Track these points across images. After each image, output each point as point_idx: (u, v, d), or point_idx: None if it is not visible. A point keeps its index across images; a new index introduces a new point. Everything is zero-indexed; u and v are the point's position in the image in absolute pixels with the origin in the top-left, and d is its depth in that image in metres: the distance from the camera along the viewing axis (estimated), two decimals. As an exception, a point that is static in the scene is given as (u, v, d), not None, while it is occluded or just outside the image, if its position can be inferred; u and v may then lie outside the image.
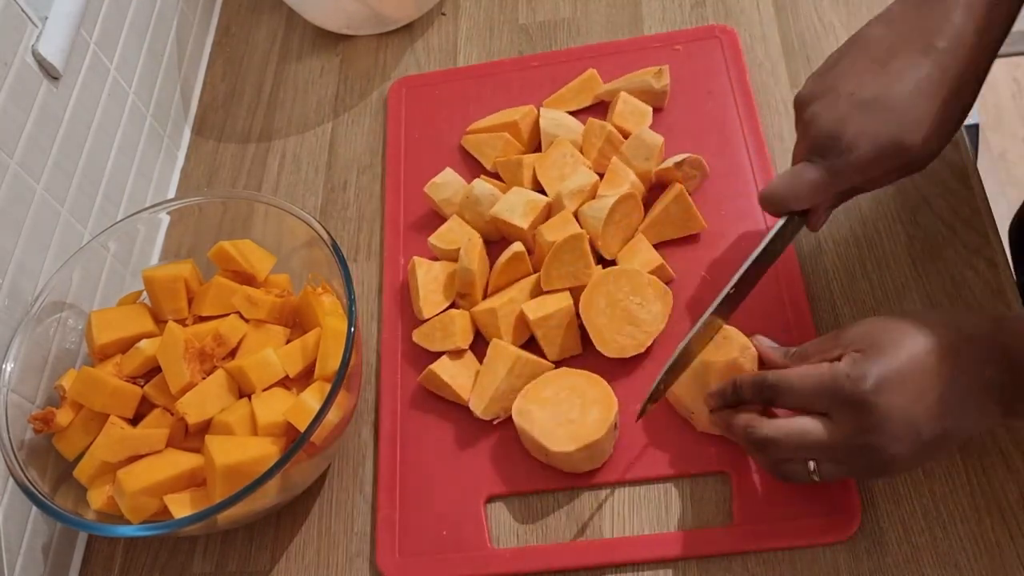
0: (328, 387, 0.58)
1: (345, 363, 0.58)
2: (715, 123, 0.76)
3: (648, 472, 0.63)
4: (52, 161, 0.68)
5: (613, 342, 0.65)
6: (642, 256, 0.68)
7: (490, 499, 0.65)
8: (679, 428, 0.63)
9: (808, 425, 0.52)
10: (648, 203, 0.72)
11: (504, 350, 0.65)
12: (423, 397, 0.69)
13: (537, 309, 0.66)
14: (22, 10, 0.66)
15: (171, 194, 0.86)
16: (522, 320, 0.67)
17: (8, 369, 0.62)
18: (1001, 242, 0.67)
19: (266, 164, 0.85)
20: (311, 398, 0.60)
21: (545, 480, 0.64)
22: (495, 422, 0.66)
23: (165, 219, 0.72)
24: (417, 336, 0.70)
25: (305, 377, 0.64)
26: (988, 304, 0.64)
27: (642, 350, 0.65)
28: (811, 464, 0.53)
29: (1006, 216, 0.76)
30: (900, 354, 0.50)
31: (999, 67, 1.76)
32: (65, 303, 0.67)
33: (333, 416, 0.58)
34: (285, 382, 0.63)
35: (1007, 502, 0.58)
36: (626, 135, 0.74)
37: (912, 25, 0.54)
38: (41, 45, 0.67)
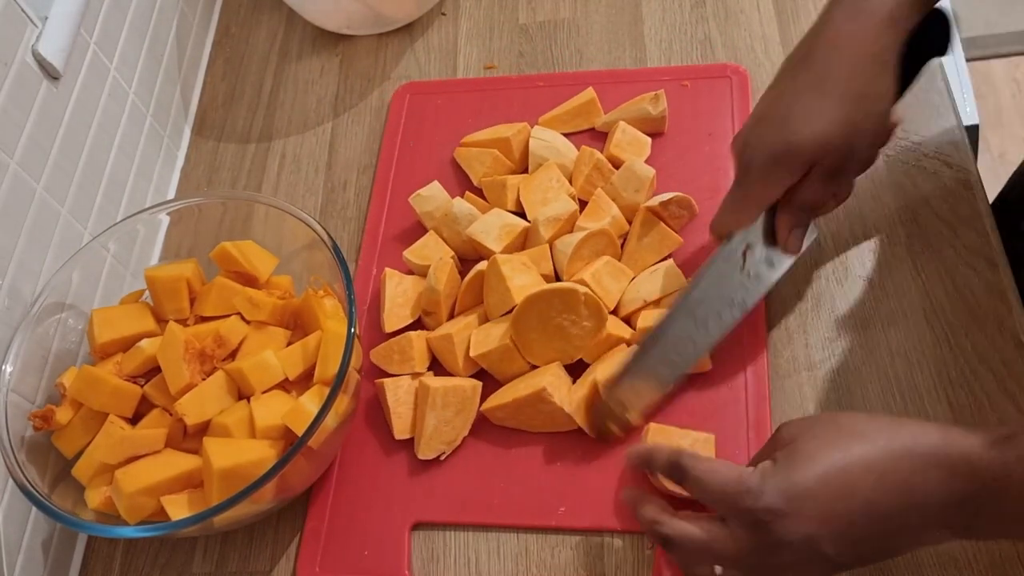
0: (327, 391, 0.57)
1: (344, 367, 0.58)
2: (710, 165, 0.74)
3: (578, 522, 0.62)
4: (52, 161, 0.68)
5: (542, 355, 0.65)
6: (607, 286, 0.67)
7: (417, 526, 0.64)
8: (616, 482, 0.62)
9: (710, 532, 0.49)
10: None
11: (424, 391, 0.64)
12: (371, 411, 0.68)
13: (479, 345, 0.65)
14: (22, 10, 0.66)
15: (171, 194, 0.86)
16: None
17: (8, 370, 0.62)
18: (1001, 242, 0.67)
19: (266, 164, 0.85)
20: (310, 402, 0.59)
21: (475, 514, 0.63)
22: (441, 458, 0.65)
23: (165, 219, 0.72)
24: (375, 356, 0.69)
25: (305, 380, 0.64)
26: (988, 304, 0.65)
27: (570, 361, 0.65)
28: (718, 569, 0.50)
29: (1006, 216, 0.77)
30: (813, 469, 0.46)
31: (999, 67, 1.76)
32: (65, 304, 0.67)
33: (331, 421, 0.58)
34: (284, 385, 0.63)
35: (1007, 503, 0.58)
36: (620, 165, 0.73)
37: (800, 45, 0.59)
38: (41, 45, 0.67)
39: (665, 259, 0.69)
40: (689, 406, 0.64)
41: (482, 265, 0.68)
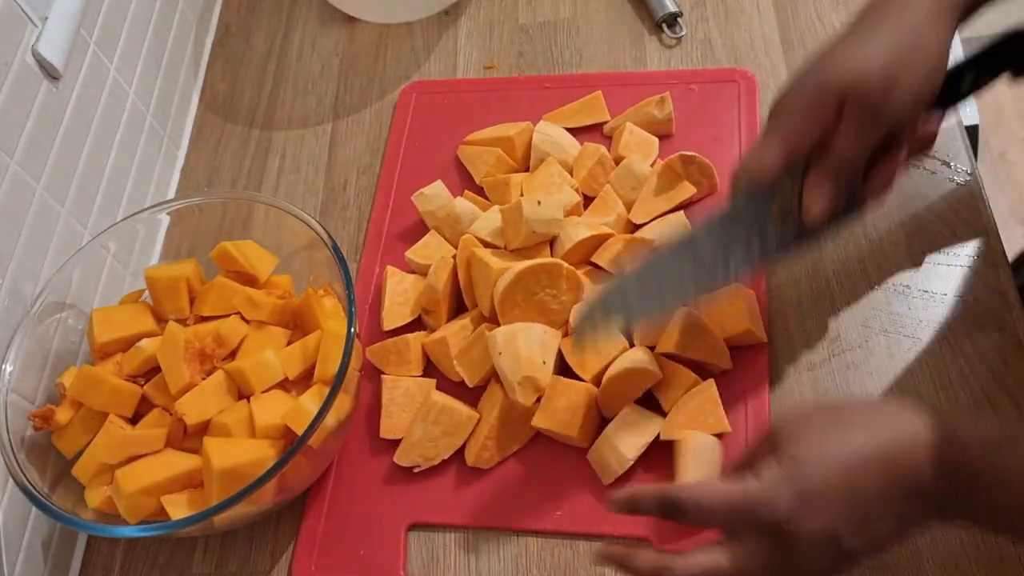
0: (327, 390, 0.57)
1: (344, 367, 0.58)
2: (716, 168, 0.73)
3: (574, 526, 0.62)
4: (52, 161, 0.68)
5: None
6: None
7: (413, 527, 0.64)
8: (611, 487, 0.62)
9: (727, 555, 0.48)
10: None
11: (425, 399, 0.65)
12: (370, 411, 0.68)
13: (471, 374, 0.66)
14: (22, 10, 0.66)
15: (171, 194, 0.86)
16: None
17: (8, 370, 0.62)
18: (1001, 242, 0.67)
19: (266, 164, 0.85)
20: (309, 401, 0.60)
21: (469, 517, 0.63)
22: (415, 470, 0.65)
23: (165, 219, 0.72)
24: (371, 354, 0.69)
25: (304, 380, 0.64)
26: (988, 304, 0.64)
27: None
28: None
29: (1006, 216, 0.76)
30: (820, 467, 0.47)
31: (999, 67, 1.75)
32: (65, 303, 0.67)
33: (331, 420, 0.58)
34: (284, 384, 0.63)
35: (1007, 503, 0.58)
36: None
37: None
38: (41, 45, 0.67)
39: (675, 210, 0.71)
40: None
41: (480, 252, 0.67)
